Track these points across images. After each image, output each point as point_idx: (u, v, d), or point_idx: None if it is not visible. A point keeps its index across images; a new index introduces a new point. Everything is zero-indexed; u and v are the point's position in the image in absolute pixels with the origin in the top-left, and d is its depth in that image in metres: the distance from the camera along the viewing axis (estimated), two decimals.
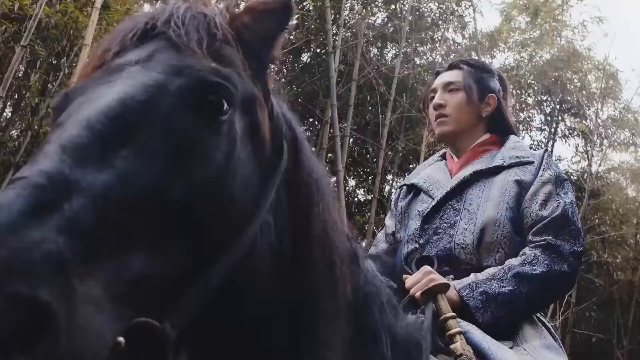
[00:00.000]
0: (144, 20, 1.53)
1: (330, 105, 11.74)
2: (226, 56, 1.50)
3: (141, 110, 1.28)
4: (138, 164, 1.21)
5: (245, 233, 1.40)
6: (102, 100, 1.28)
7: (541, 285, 2.52)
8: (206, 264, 1.31)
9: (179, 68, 1.39)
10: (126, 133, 1.24)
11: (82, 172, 1.13)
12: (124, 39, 1.50)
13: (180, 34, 1.46)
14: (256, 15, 1.62)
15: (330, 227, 1.70)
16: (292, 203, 1.60)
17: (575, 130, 19.09)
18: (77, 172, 1.12)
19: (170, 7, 1.54)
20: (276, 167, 1.56)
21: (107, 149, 1.20)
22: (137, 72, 1.38)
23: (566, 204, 2.70)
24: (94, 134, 1.20)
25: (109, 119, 1.24)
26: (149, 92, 1.31)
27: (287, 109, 1.77)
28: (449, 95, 3.07)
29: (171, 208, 1.24)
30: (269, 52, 1.64)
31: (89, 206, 1.10)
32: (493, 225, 2.69)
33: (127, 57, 1.45)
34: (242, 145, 1.43)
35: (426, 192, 2.96)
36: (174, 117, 1.31)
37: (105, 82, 1.37)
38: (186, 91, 1.35)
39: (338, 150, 11.22)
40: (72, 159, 1.14)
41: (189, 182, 1.28)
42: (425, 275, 2.47)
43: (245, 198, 1.42)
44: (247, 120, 1.47)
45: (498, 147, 3.04)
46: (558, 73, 18.20)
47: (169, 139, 1.29)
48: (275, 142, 1.59)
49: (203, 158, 1.33)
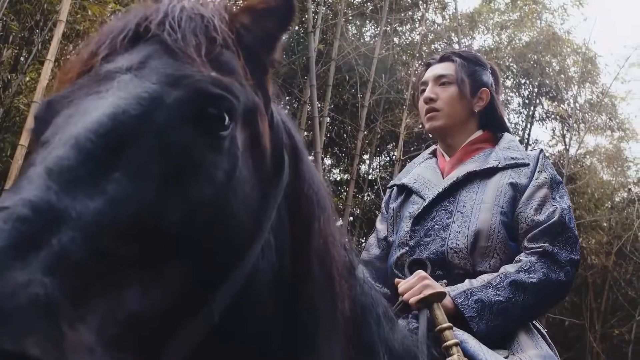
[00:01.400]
0: (135, 21, 1.38)
1: (309, 86, 11.59)
2: (226, 63, 1.37)
3: (135, 127, 1.16)
4: (132, 187, 1.10)
5: (248, 256, 1.31)
6: (92, 115, 1.15)
7: (537, 293, 2.44)
8: (207, 293, 1.21)
9: (175, 78, 1.25)
10: (119, 153, 1.12)
11: (71, 200, 1.01)
12: (114, 42, 1.36)
13: (176, 38, 1.33)
14: (256, 15, 1.48)
15: (330, 242, 1.60)
16: (293, 218, 1.50)
17: (553, 114, 19.15)
18: (65, 200, 1.01)
19: (164, 7, 1.39)
20: (277, 181, 1.45)
21: (98, 172, 1.08)
22: (130, 81, 1.24)
23: (563, 209, 2.61)
24: (83, 155, 1.08)
25: (99, 137, 1.11)
26: (143, 106, 1.18)
27: (286, 115, 1.65)
28: (440, 88, 2.94)
29: (169, 234, 1.13)
30: (269, 54, 1.51)
31: (79, 239, 0.99)
32: (487, 230, 2.59)
33: (117, 62, 1.31)
34: (243, 161, 1.31)
35: (417, 192, 2.85)
36: (171, 134, 1.19)
37: (94, 92, 1.23)
38: (184, 104, 1.22)
39: (317, 132, 11.12)
40: (60, 184, 1.02)
41: (188, 205, 1.17)
42: (420, 280, 2.38)
43: (247, 218, 1.31)
44: (248, 133, 1.35)
45: (491, 144, 2.93)
46: (537, 56, 18.22)
47: (165, 158, 1.16)
48: (276, 153, 1.47)
49: (203, 178, 1.21)
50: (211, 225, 1.21)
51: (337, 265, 1.61)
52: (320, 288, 1.55)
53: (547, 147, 19.95)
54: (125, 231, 1.06)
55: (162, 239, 1.12)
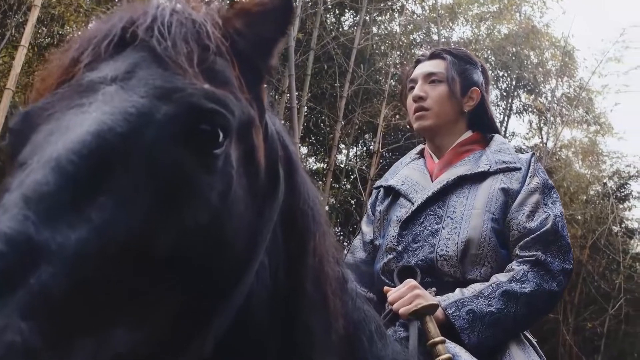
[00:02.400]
0: (120, 25, 1.26)
1: (288, 75, 11.44)
2: (220, 72, 1.26)
3: (121, 146, 1.05)
4: (119, 214, 1.00)
5: (243, 283, 1.23)
6: (74, 133, 1.04)
7: (529, 304, 2.38)
8: (200, 326, 1.14)
9: (166, 91, 1.14)
10: (104, 175, 1.02)
11: (51, 231, 0.92)
12: (97, 48, 1.24)
13: (166, 46, 1.21)
14: (251, 19, 1.36)
15: (325, 259, 1.54)
16: (287, 235, 1.43)
17: (531, 107, 19.21)
18: (44, 231, 0.91)
19: (153, 10, 1.28)
20: (272, 198, 1.36)
21: (81, 197, 0.98)
22: (115, 94, 1.13)
23: (556, 217, 2.55)
24: (64, 179, 0.98)
25: (82, 158, 1.01)
26: (130, 123, 1.08)
27: (280, 124, 1.56)
28: (430, 87, 2.85)
29: (159, 264, 1.05)
30: (265, 61, 1.40)
31: (60, 275, 0.90)
32: (478, 238, 2.53)
33: (101, 71, 1.20)
34: (237, 179, 1.21)
35: (405, 195, 2.76)
36: (161, 153, 1.09)
37: (76, 105, 1.12)
38: (175, 121, 1.11)
39: (295, 122, 10.98)
40: (38, 214, 0.92)
41: (180, 232, 1.08)
42: (410, 289, 2.31)
43: (242, 241, 1.22)
44: (242, 148, 1.25)
45: (481, 146, 2.85)
46: (516, 49, 18.23)
47: (155, 180, 1.07)
48: (270, 168, 1.37)
49: (196, 202, 1.11)
50: (205, 252, 1.12)
51: (331, 282, 1.56)
52: (314, 307, 1.50)
53: (524, 140, 20.03)
54: (112, 263, 0.97)
55: (151, 270, 1.04)
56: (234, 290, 1.21)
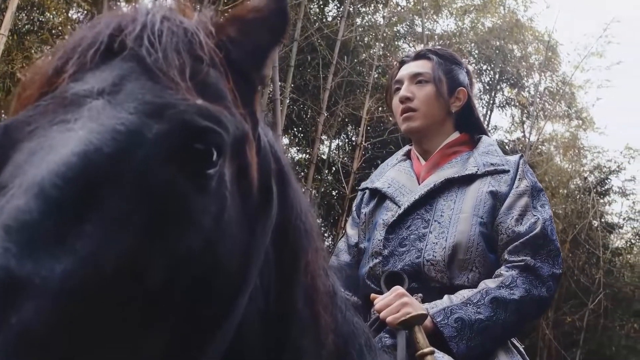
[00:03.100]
0: (107, 32, 1.18)
1: (271, 67, 11.34)
2: (213, 85, 1.18)
3: (109, 168, 0.98)
4: (107, 242, 0.93)
5: (236, 306, 1.18)
6: (58, 154, 0.97)
7: (518, 311, 2.34)
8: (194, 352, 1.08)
9: (157, 107, 1.06)
10: (90, 200, 0.95)
11: (34, 264, 0.85)
12: (83, 57, 1.15)
13: (157, 57, 1.13)
14: (245, 27, 1.29)
15: (317, 275, 1.49)
16: (279, 253, 1.37)
17: (513, 101, 19.25)
18: (26, 264, 0.84)
19: (142, 17, 1.19)
20: (265, 216, 1.29)
21: (66, 225, 0.91)
22: (102, 110, 1.05)
23: (545, 220, 2.50)
24: (48, 206, 0.90)
25: (67, 182, 0.93)
26: (119, 142, 1.00)
27: (272, 134, 1.48)
28: (416, 87, 2.79)
29: (150, 294, 0.98)
30: (258, 71, 1.32)
31: (45, 312, 0.84)
32: (466, 243, 2.47)
33: (86, 82, 1.11)
34: (231, 200, 1.15)
35: (391, 198, 2.70)
36: (152, 175, 1.01)
37: (60, 121, 1.04)
38: (167, 140, 1.04)
39: (278, 114, 10.90)
40: (20, 245, 0.85)
41: (172, 259, 1.01)
42: (398, 297, 2.26)
43: (235, 264, 1.16)
44: (235, 165, 1.17)
45: (468, 147, 2.80)
46: (499, 43, 18.23)
47: (145, 205, 0.99)
48: (263, 183, 1.30)
49: (188, 227, 1.04)
50: (197, 279, 1.06)
51: (322, 298, 1.51)
52: (305, 326, 1.45)
53: (506, 133, 20.08)
54: (100, 294, 0.91)
55: (141, 300, 0.97)
56: (227, 316, 1.15)
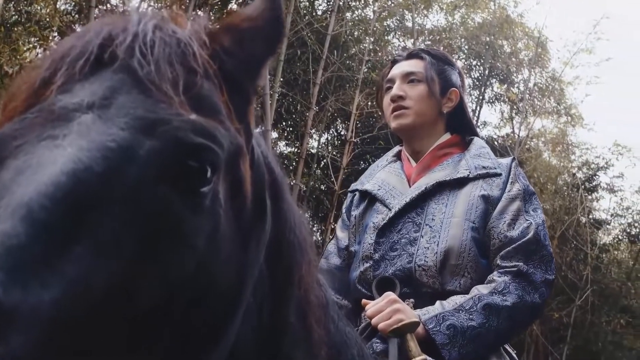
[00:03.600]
0: (97, 42, 1.13)
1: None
2: (207, 99, 1.13)
3: (100, 187, 0.94)
4: (97, 266, 0.90)
5: (230, 325, 1.15)
6: (46, 173, 0.92)
7: (511, 317, 2.32)
8: None
9: (149, 122, 1.01)
10: (80, 222, 0.91)
11: (22, 292, 0.81)
12: (71, 67, 1.10)
13: (149, 70, 1.08)
14: (239, 36, 1.24)
15: (310, 288, 1.47)
16: (273, 269, 1.34)
17: (503, 96, 19.26)
18: (13, 292, 0.80)
19: (133, 26, 1.14)
20: (259, 232, 1.26)
21: (55, 249, 0.87)
22: (92, 125, 1.00)
23: (538, 225, 2.47)
24: (36, 229, 0.86)
25: (56, 203, 0.89)
26: (110, 160, 0.96)
27: (265, 145, 1.44)
28: (408, 86, 2.75)
29: (141, 318, 0.95)
30: (252, 82, 1.28)
31: (34, 343, 0.80)
32: (458, 248, 2.44)
33: (75, 94, 1.06)
34: (225, 217, 1.10)
35: (381, 201, 2.66)
36: (143, 194, 0.97)
37: (48, 137, 0.99)
38: (160, 158, 0.99)
39: (267, 108, 10.85)
40: (7, 272, 0.81)
41: (165, 281, 0.98)
42: (389, 303, 2.23)
43: (228, 283, 1.13)
44: (229, 180, 1.13)
45: (460, 149, 2.76)
46: (489, 38, 18.23)
47: (136, 225, 0.95)
48: (257, 197, 1.26)
49: (181, 248, 1.00)
50: (191, 300, 1.03)
51: (315, 311, 1.49)
52: (298, 340, 1.44)
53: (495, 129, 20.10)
54: (91, 321, 0.87)
55: (133, 323, 0.94)
56: (221, 336, 1.12)
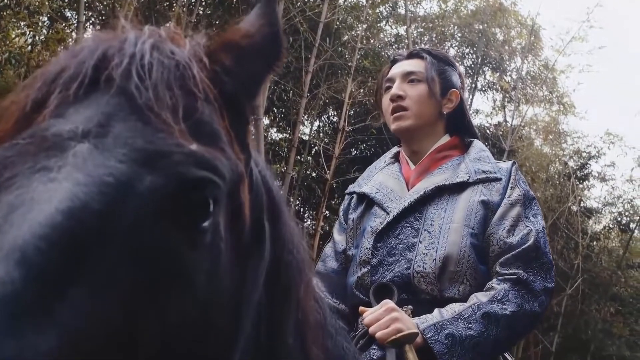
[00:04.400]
0: (92, 62, 1.06)
1: None
2: (207, 125, 1.07)
3: (97, 226, 0.89)
4: (95, 310, 0.85)
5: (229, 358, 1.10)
6: (41, 212, 0.87)
7: (510, 326, 2.28)
8: None
9: (149, 155, 0.96)
10: (77, 264, 0.86)
11: (18, 343, 0.77)
12: (65, 90, 1.04)
13: (147, 96, 1.02)
14: (239, 54, 1.18)
15: (308, 311, 1.42)
16: (271, 295, 1.29)
17: (495, 85, 19.24)
18: (9, 344, 0.76)
19: (130, 46, 1.08)
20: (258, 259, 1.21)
21: (52, 294, 0.82)
22: (89, 156, 0.94)
23: (538, 232, 2.43)
24: (31, 274, 0.81)
25: (52, 245, 0.84)
26: (108, 197, 0.91)
27: (263, 163, 1.38)
28: (408, 86, 2.69)
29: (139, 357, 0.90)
30: (251, 101, 1.22)
31: None
32: (457, 254, 2.40)
33: (69, 120, 1.00)
34: (225, 249, 1.05)
35: (379, 204, 2.61)
36: (143, 233, 0.92)
37: (42, 169, 0.93)
38: (161, 194, 0.94)
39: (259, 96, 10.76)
40: (1, 322, 0.77)
41: (163, 321, 0.93)
42: (387, 312, 2.19)
43: (227, 319, 1.08)
44: (229, 210, 1.08)
45: (459, 152, 2.71)
46: (482, 26, 18.18)
47: (135, 265, 0.90)
48: (255, 220, 1.20)
49: (181, 286, 0.96)
50: (191, 336, 0.98)
51: (313, 332, 1.44)
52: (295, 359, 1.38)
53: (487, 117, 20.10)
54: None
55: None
56: None
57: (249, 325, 1.20)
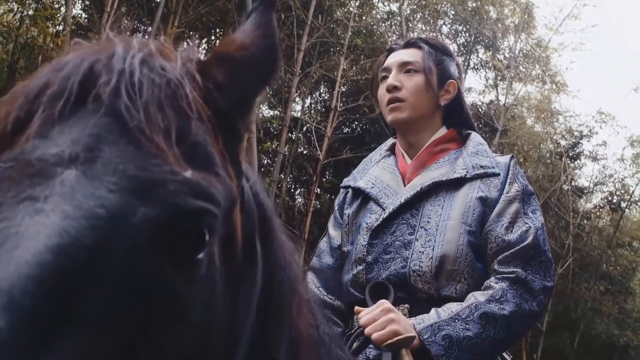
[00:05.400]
0: (77, 78, 0.97)
1: None
2: (201, 147, 0.99)
3: (88, 263, 0.82)
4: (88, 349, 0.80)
5: None
6: (29, 250, 0.80)
7: (508, 327, 2.23)
8: None
9: (142, 184, 0.89)
10: (68, 304, 0.79)
11: None
12: (49, 108, 0.95)
13: (139, 119, 0.93)
14: (233, 68, 1.10)
15: (301, 327, 1.36)
16: (263, 316, 1.22)
17: (488, 63, 19.17)
18: None
19: (118, 62, 0.99)
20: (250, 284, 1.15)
21: (42, 339, 0.76)
22: (77, 185, 0.87)
23: (537, 229, 2.38)
24: (20, 319, 0.75)
25: (41, 286, 0.78)
26: (99, 230, 0.84)
27: (253, 177, 1.29)
28: (405, 76, 2.61)
29: None
30: (244, 119, 1.13)
31: None
32: (454, 253, 2.34)
33: (54, 142, 0.92)
34: (220, 279, 1.00)
35: (375, 200, 2.54)
36: (136, 268, 0.86)
37: (27, 199, 0.85)
38: (155, 227, 0.87)
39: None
40: None
41: (158, 350, 0.89)
42: (383, 313, 2.14)
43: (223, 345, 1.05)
44: (222, 236, 1.01)
45: (457, 144, 2.64)
46: (476, 4, 18.07)
47: (128, 302, 0.85)
48: (246, 241, 1.13)
49: (176, 321, 0.91)
50: None
51: (307, 347, 1.38)
52: None
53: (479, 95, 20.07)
54: None
55: None
56: None
57: (243, 347, 1.15)
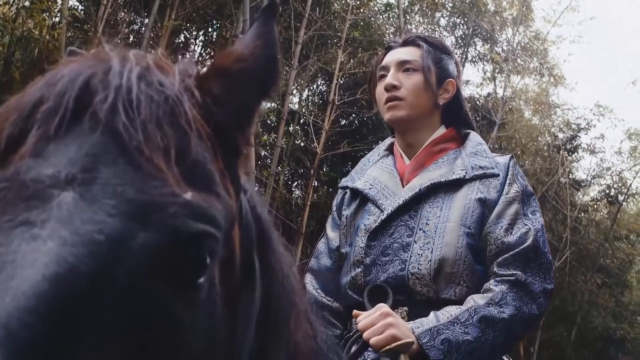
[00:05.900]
0: (73, 94, 0.94)
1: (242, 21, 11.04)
2: (200, 166, 0.96)
3: (87, 292, 0.79)
4: None
5: None
6: (26, 279, 0.77)
7: (508, 330, 2.22)
8: None
9: (141, 207, 0.86)
10: (66, 334, 0.77)
11: None
12: (44, 125, 0.92)
13: (137, 137, 0.90)
14: (231, 81, 1.06)
15: (300, 341, 1.34)
16: (262, 328, 1.20)
17: (486, 56, 19.13)
18: None
19: (114, 77, 0.96)
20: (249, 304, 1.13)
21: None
22: (75, 208, 0.83)
23: (537, 231, 2.36)
24: (18, 352, 0.73)
25: (39, 318, 0.75)
26: (98, 257, 0.81)
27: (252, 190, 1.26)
28: (403, 75, 2.59)
29: None
30: (244, 133, 1.10)
31: None
32: (453, 256, 2.33)
33: (50, 162, 0.88)
34: (220, 301, 0.98)
35: (373, 201, 2.52)
36: (137, 295, 0.83)
37: (22, 224, 0.82)
38: (156, 252, 0.85)
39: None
40: None
41: None
42: (382, 317, 2.12)
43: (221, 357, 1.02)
44: (222, 257, 0.99)
45: (456, 144, 2.63)
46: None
47: (128, 330, 0.82)
48: (244, 258, 1.11)
49: (177, 346, 0.88)
50: None
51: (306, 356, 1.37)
52: None
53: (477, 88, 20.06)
54: None
55: None
56: None
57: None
